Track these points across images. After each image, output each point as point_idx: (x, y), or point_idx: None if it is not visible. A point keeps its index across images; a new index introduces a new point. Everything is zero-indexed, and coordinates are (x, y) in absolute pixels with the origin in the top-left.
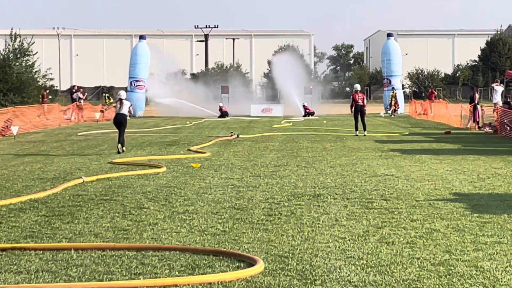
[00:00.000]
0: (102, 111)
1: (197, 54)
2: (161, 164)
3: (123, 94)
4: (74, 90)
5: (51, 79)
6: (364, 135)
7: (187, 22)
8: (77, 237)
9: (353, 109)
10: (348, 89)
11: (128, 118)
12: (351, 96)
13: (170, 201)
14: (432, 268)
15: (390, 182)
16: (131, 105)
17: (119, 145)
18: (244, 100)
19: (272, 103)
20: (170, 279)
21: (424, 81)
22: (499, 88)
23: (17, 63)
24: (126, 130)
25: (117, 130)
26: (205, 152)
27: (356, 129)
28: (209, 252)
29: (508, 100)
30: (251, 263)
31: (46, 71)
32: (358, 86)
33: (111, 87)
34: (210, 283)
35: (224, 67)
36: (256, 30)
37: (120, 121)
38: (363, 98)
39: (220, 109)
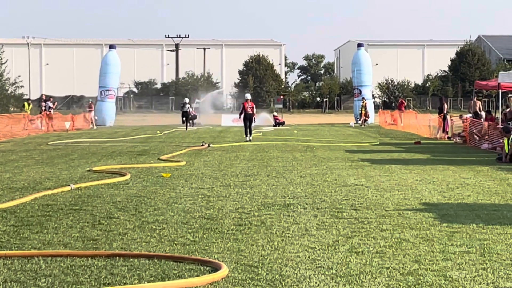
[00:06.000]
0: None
1: (168, 64)
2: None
3: (186, 100)
4: (43, 99)
5: (21, 86)
6: (250, 140)
7: (158, 31)
8: (46, 247)
9: (242, 116)
10: (318, 99)
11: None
12: (242, 104)
13: (140, 210)
14: (401, 278)
15: (360, 192)
16: (191, 107)
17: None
18: (214, 110)
19: None
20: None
21: (394, 91)
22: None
23: None
24: (97, 139)
25: (87, 140)
26: (181, 161)
27: (246, 134)
28: (171, 258)
29: (477, 110)
30: (215, 268)
31: (15, 80)
32: (248, 96)
33: (81, 96)
34: None
35: (195, 77)
36: (227, 39)
37: (186, 116)
38: (253, 107)
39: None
